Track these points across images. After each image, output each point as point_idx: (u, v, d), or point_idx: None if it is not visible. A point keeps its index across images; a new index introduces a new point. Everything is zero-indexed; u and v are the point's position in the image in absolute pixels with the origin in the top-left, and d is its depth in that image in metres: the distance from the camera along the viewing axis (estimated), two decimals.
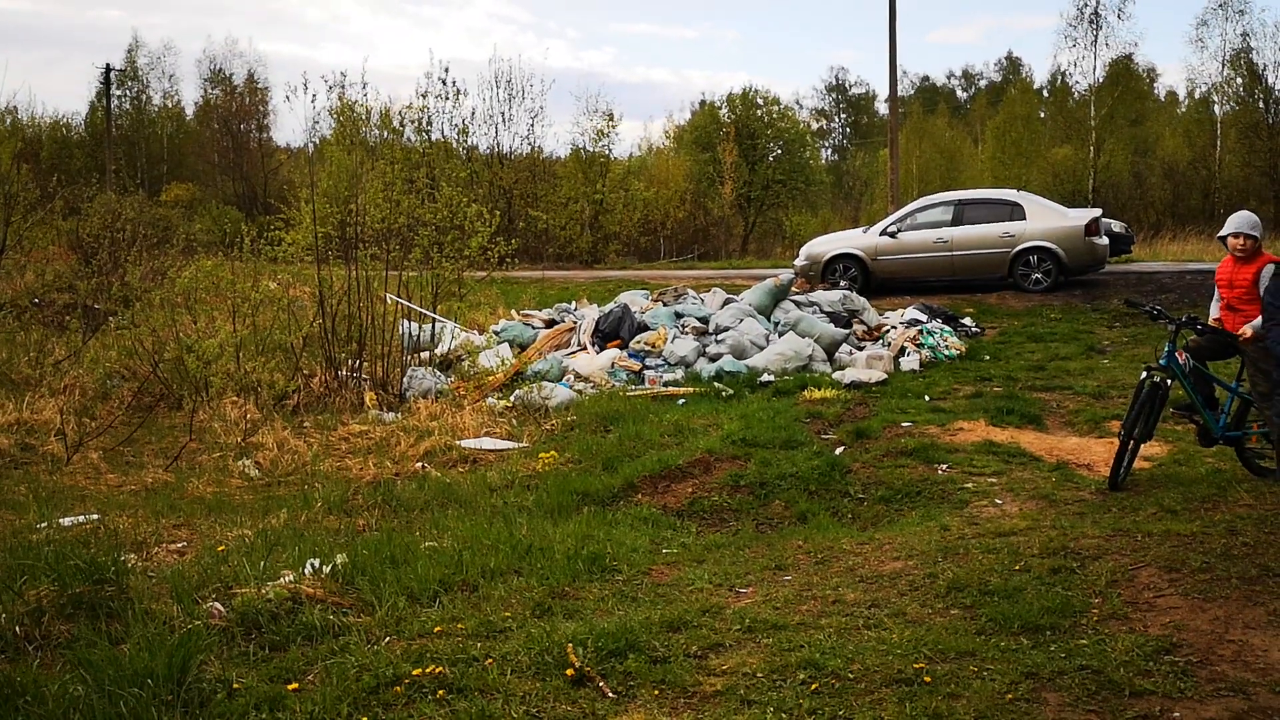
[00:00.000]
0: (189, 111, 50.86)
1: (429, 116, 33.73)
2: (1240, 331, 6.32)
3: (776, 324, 12.54)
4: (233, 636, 4.20)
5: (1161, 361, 6.70)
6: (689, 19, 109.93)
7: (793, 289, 14.04)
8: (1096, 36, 37.24)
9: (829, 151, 66.99)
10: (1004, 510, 6.45)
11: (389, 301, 11.93)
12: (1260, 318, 6.15)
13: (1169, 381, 6.68)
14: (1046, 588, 4.61)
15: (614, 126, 34.57)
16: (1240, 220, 6.41)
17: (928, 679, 3.74)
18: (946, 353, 11.89)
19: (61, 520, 6.12)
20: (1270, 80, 35.39)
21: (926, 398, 9.85)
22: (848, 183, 55.82)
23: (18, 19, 72.52)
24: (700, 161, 41.09)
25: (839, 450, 8.22)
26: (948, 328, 12.95)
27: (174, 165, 47.38)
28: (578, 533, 5.90)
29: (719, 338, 12.12)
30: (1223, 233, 6.54)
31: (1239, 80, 36.48)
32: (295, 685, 3.78)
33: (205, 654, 3.95)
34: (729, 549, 5.98)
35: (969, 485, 7.11)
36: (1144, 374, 6.67)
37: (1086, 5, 37.37)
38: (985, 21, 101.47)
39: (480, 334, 13.37)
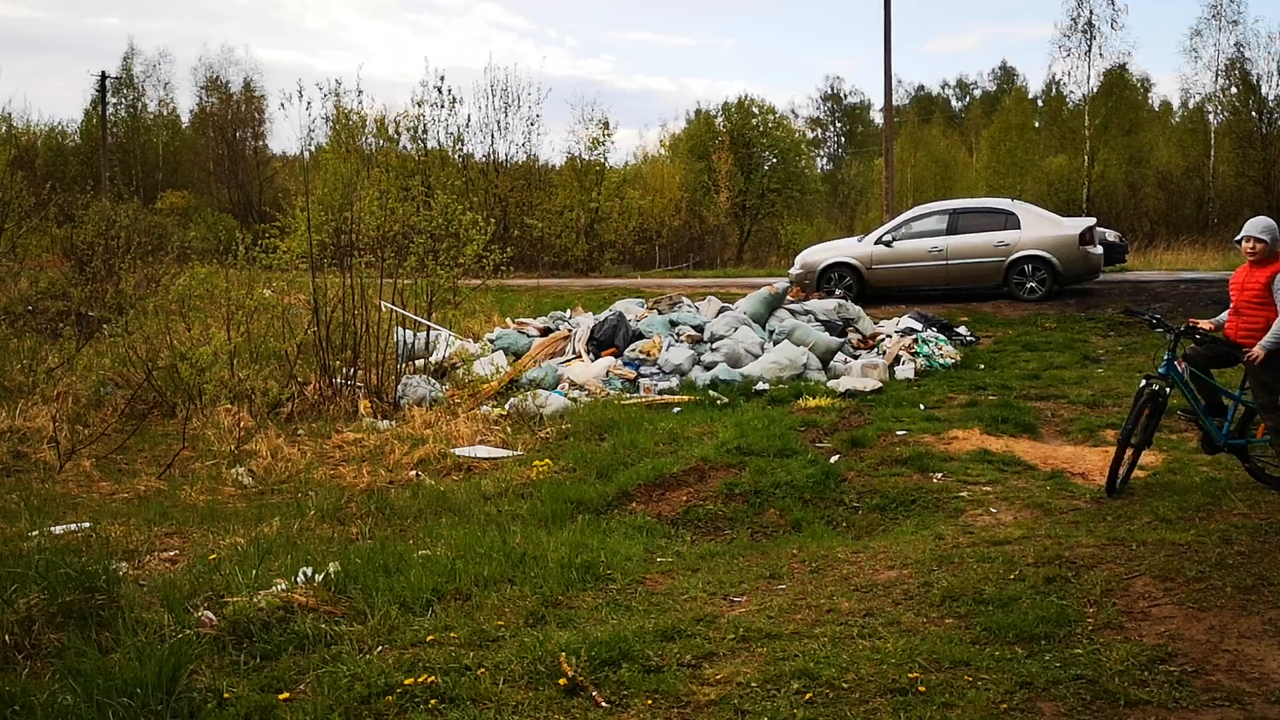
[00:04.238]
0: (185, 119, 50.94)
1: (425, 125, 33.82)
2: (1251, 354, 6.28)
3: (771, 332, 12.55)
4: (224, 645, 4.17)
5: (1161, 370, 6.70)
6: (688, 27, 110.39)
7: (788, 297, 14.05)
8: (1090, 46, 37.45)
9: (824, 160, 67.15)
10: (999, 519, 6.44)
11: (384, 309, 11.91)
12: (1269, 335, 6.17)
13: (1168, 390, 6.68)
14: (1041, 597, 4.60)
15: (609, 135, 34.71)
16: (1253, 225, 6.44)
17: (922, 689, 3.73)
18: (941, 361, 11.89)
19: (53, 528, 6.08)
20: (1264, 90, 35.57)
21: (921, 406, 9.85)
22: (843, 191, 55.90)
23: (16, 25, 72.63)
24: (696, 170, 41.18)
25: (834, 459, 8.21)
26: (943, 336, 12.96)
27: (169, 173, 47.34)
28: (572, 541, 5.88)
29: (714, 346, 12.11)
30: (1238, 237, 6.56)
31: (1233, 90, 36.62)
32: (286, 695, 3.75)
33: (196, 663, 3.92)
34: (723, 557, 5.96)
35: (964, 494, 7.10)
36: (1143, 382, 6.68)
37: (1080, 15, 37.58)
38: (981, 31, 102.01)
39: (475, 342, 13.36)
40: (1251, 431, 6.65)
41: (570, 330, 13.35)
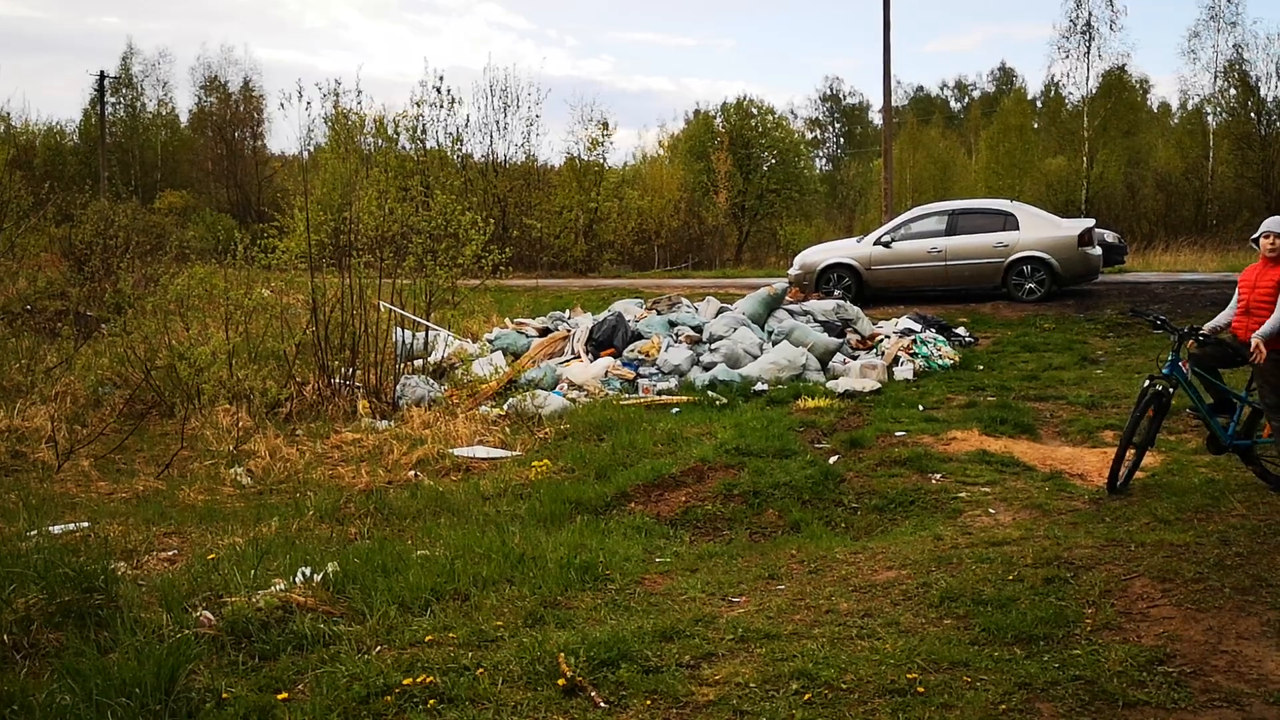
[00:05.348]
0: (184, 119, 50.93)
1: (424, 125, 33.82)
2: (1253, 355, 6.23)
3: (770, 333, 12.55)
4: (222, 646, 4.17)
5: (1165, 370, 6.70)
6: (688, 27, 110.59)
7: (787, 298, 14.05)
8: (1089, 48, 37.47)
9: (823, 161, 67.18)
10: (997, 520, 6.45)
11: (383, 309, 11.91)
12: (1268, 323, 6.14)
13: (1172, 390, 6.69)
14: (1040, 598, 4.60)
15: (608, 135, 34.74)
16: (1275, 221, 6.43)
17: (921, 689, 3.73)
18: (940, 362, 11.90)
19: (51, 528, 6.07)
20: (1263, 92, 35.59)
21: (920, 407, 9.85)
22: (842, 192, 55.96)
23: (16, 24, 72.64)
24: (695, 171, 41.19)
25: (832, 459, 8.21)
26: (941, 337, 12.96)
27: (168, 173, 47.35)
28: (570, 542, 5.88)
29: (713, 346, 12.12)
30: (1255, 235, 6.54)
31: (1231, 92, 36.63)
32: (285, 695, 3.75)
33: (194, 663, 3.92)
34: (722, 558, 5.96)
35: (962, 495, 7.10)
36: (1147, 382, 6.68)
37: (1079, 16, 37.61)
38: (981, 32, 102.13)
39: (474, 342, 13.36)
40: (1257, 432, 6.63)
41: (569, 330, 13.35)
